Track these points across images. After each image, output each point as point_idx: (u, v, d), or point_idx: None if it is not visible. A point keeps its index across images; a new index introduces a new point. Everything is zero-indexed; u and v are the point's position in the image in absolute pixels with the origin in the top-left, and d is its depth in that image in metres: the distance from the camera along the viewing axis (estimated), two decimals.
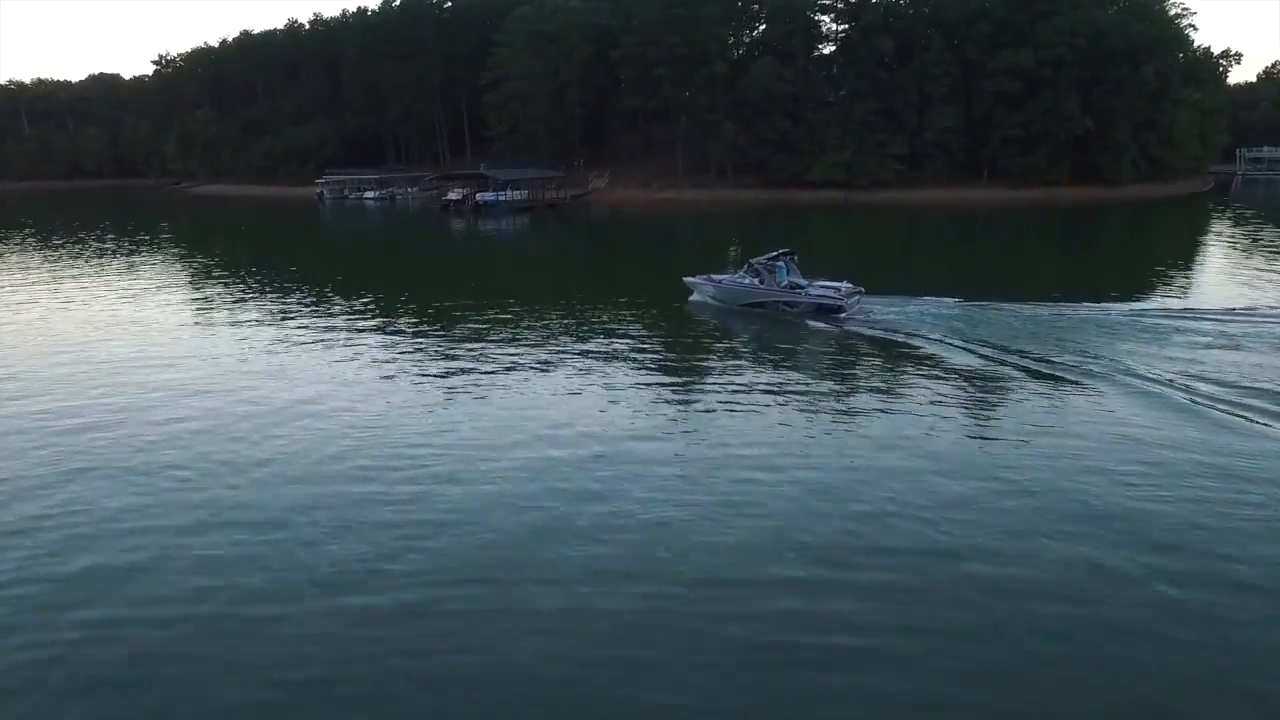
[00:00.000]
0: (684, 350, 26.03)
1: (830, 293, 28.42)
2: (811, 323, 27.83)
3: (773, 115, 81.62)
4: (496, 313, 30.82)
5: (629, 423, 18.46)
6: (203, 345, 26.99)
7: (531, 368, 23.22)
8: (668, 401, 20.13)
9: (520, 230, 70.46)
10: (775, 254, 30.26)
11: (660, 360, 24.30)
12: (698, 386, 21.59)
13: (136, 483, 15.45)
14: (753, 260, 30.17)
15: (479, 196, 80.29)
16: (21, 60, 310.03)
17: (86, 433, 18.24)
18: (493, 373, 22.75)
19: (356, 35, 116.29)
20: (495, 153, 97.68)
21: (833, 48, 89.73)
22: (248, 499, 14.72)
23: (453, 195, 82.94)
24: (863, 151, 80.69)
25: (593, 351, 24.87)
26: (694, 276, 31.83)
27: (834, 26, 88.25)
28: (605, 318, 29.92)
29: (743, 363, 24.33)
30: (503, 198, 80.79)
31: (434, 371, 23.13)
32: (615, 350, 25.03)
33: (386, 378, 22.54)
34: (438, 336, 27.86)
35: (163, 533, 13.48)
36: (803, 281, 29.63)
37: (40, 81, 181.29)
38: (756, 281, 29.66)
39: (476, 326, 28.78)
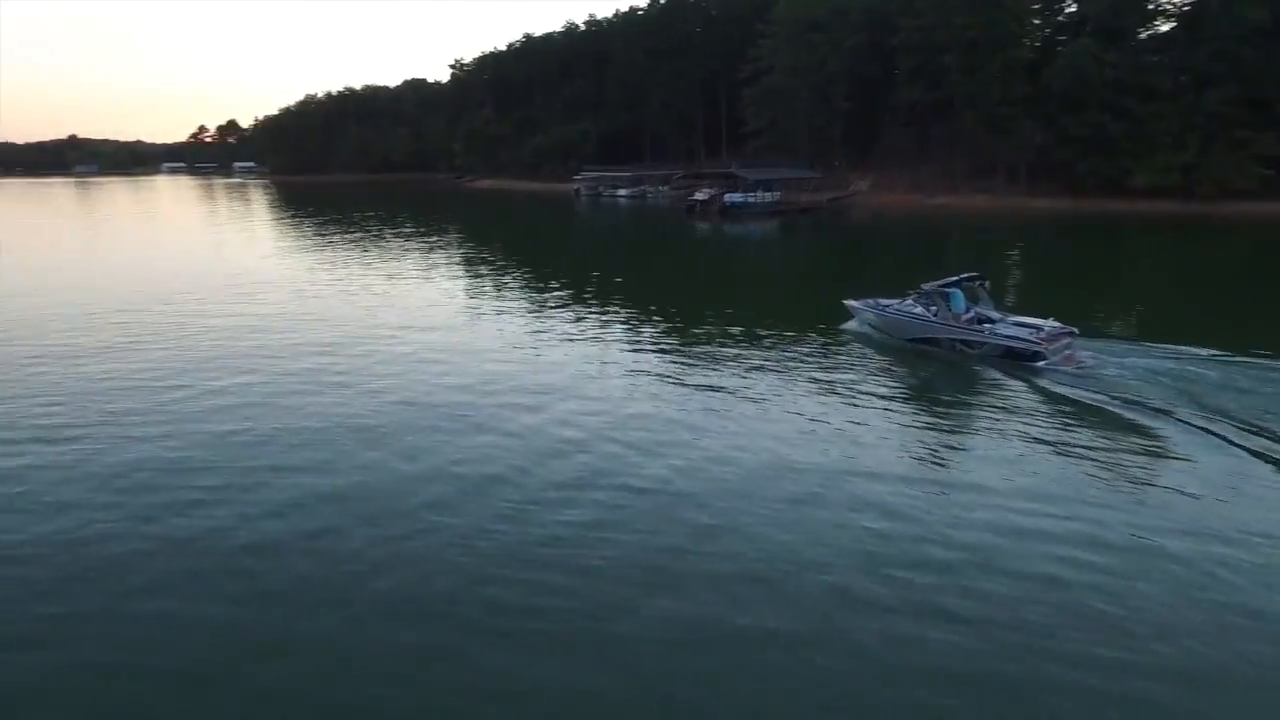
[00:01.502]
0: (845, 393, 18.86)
1: (1025, 334, 20.78)
2: (996, 371, 20.31)
3: (1086, 108, 67.43)
4: (697, 326, 26.29)
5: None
6: (453, 324, 28.09)
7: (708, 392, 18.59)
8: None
9: (768, 235, 64.53)
10: (955, 278, 22.89)
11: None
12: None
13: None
14: (924, 285, 23.12)
15: (726, 198, 75.57)
16: (357, 68, 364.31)
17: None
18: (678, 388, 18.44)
19: (623, 32, 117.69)
20: (751, 150, 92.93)
21: (1170, 25, 72.68)
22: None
23: (699, 195, 78.98)
24: (1211, 152, 63.62)
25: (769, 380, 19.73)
26: (855, 300, 25.48)
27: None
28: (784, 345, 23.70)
29: (874, 420, 17.16)
30: (752, 199, 75.39)
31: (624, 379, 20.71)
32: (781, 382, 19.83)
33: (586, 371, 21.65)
34: (631, 341, 24.99)
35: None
36: (995, 315, 22.28)
37: (367, 87, 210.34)
38: (930, 312, 22.64)
39: (674, 341, 24.67)
